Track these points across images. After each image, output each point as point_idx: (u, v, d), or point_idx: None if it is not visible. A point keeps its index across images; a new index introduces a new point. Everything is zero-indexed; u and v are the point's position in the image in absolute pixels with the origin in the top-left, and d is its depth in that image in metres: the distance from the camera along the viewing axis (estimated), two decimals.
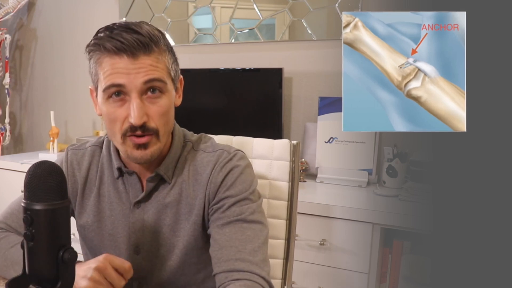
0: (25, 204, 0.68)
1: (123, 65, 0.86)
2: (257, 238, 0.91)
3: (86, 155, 1.04)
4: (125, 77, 0.86)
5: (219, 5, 2.46)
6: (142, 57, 0.86)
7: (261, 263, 0.89)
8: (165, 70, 0.90)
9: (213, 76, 2.35)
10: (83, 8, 2.91)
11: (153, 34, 0.88)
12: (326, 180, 2.09)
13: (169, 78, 0.92)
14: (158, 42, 0.89)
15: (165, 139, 0.93)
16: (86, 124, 2.96)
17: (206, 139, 1.05)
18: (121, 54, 0.85)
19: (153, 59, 0.87)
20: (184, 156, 0.99)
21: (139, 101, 0.87)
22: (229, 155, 0.97)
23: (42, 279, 0.70)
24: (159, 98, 0.89)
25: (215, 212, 0.94)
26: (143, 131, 0.88)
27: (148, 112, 0.88)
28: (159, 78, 0.88)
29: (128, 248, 0.99)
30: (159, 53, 0.89)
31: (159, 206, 0.97)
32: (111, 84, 0.87)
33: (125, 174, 0.99)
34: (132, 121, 0.87)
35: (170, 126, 0.95)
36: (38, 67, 3.15)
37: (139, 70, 0.86)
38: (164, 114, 0.90)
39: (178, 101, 0.99)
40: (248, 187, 0.95)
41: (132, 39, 0.85)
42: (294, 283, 1.77)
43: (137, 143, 0.89)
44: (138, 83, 0.86)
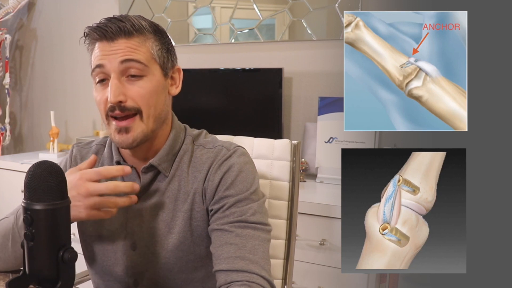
0: (25, 204, 0.68)
1: (103, 48, 0.91)
2: (258, 237, 0.91)
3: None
4: (105, 58, 0.90)
5: (219, 5, 2.46)
6: (121, 40, 0.91)
7: (261, 261, 0.88)
8: (147, 54, 0.92)
9: (213, 76, 2.35)
10: (83, 8, 2.91)
11: (136, 23, 0.92)
12: (326, 180, 2.09)
13: (154, 63, 0.93)
14: (141, 30, 0.92)
15: (152, 122, 0.93)
16: (86, 124, 2.95)
17: (207, 135, 1.05)
18: (102, 40, 0.91)
19: (133, 43, 0.91)
20: (183, 149, 0.99)
21: (116, 81, 0.90)
22: (228, 152, 0.97)
23: (42, 279, 0.70)
24: (139, 81, 0.91)
25: (215, 212, 0.93)
26: (121, 111, 0.90)
27: (127, 93, 0.90)
28: (136, 59, 0.90)
29: (125, 244, 0.99)
30: (141, 39, 0.92)
31: (157, 200, 0.97)
32: (94, 66, 0.92)
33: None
34: (109, 100, 0.90)
35: (158, 111, 0.94)
36: (38, 67, 3.14)
37: (116, 51, 0.90)
38: (145, 95, 0.92)
39: (174, 90, 1.00)
40: (249, 186, 0.94)
41: (113, 26, 0.90)
42: (294, 283, 1.77)
43: (118, 126, 0.91)
44: (115, 63, 0.90)
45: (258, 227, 0.92)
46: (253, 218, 0.92)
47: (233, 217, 0.91)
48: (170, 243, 0.96)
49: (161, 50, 0.95)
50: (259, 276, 0.86)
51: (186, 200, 0.96)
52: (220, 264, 0.89)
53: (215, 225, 0.92)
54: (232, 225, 0.91)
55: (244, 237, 0.89)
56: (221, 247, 0.90)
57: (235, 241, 0.89)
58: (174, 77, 1.00)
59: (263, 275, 0.87)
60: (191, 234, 0.96)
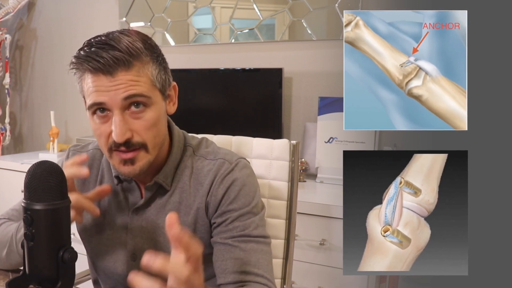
0: (25, 204, 0.68)
1: (101, 83, 0.84)
2: (261, 250, 0.92)
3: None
4: (106, 95, 0.84)
5: (219, 5, 2.46)
6: (120, 73, 0.84)
7: (266, 274, 0.90)
8: (148, 83, 0.87)
9: (213, 76, 2.35)
10: (83, 8, 2.90)
11: (132, 48, 0.84)
12: (326, 180, 2.09)
13: (155, 90, 0.88)
14: (139, 55, 0.85)
15: (155, 151, 0.91)
16: (86, 124, 2.95)
17: (208, 143, 1.03)
18: (98, 74, 0.84)
19: (134, 73, 0.85)
20: (184, 161, 0.98)
21: (121, 118, 0.84)
22: (230, 165, 0.95)
23: (42, 279, 0.70)
24: (143, 113, 0.86)
25: (218, 225, 0.94)
26: (127, 147, 0.86)
27: (132, 128, 0.86)
28: (140, 93, 0.85)
29: (125, 254, 0.98)
30: (140, 66, 0.86)
31: (157, 213, 0.96)
32: (93, 103, 0.85)
33: (123, 181, 0.98)
34: (114, 139, 0.85)
35: (160, 138, 0.92)
36: (38, 67, 3.14)
37: (118, 87, 0.83)
38: (151, 128, 0.88)
39: (172, 108, 0.96)
40: (251, 199, 0.94)
41: (108, 57, 0.82)
42: (294, 283, 1.77)
43: (123, 158, 0.88)
44: (118, 100, 0.84)
45: (260, 241, 0.93)
46: (256, 232, 0.93)
47: (236, 231, 0.92)
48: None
49: (159, 74, 0.90)
50: (266, 286, 0.89)
51: (188, 213, 0.95)
52: (226, 278, 0.90)
53: (219, 238, 0.93)
54: (235, 239, 0.91)
55: (248, 252, 0.90)
56: (225, 262, 0.90)
57: (239, 255, 0.90)
58: (171, 95, 0.96)
59: (270, 286, 0.89)
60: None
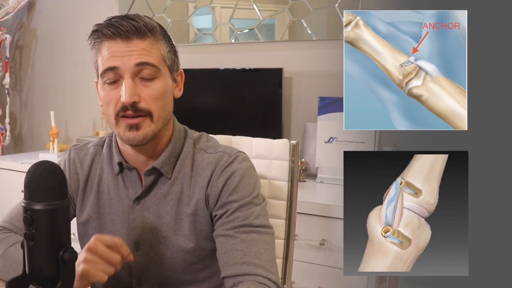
0: (25, 204, 0.68)
1: (118, 48, 0.89)
2: (262, 240, 0.92)
3: (88, 155, 1.05)
4: (119, 59, 0.89)
5: (219, 5, 2.46)
6: (136, 40, 0.90)
7: (267, 264, 0.90)
8: (159, 56, 0.93)
9: (213, 76, 2.35)
10: (83, 8, 2.90)
11: (149, 23, 0.91)
12: (326, 180, 2.09)
13: (164, 66, 0.94)
14: (154, 30, 0.92)
15: (160, 123, 0.93)
16: (86, 124, 2.95)
17: (209, 138, 1.04)
18: (116, 38, 0.89)
19: (147, 44, 0.91)
20: (185, 152, 0.99)
21: (131, 81, 0.89)
22: (230, 158, 0.97)
23: (42, 279, 0.70)
24: (152, 82, 0.91)
25: (220, 217, 0.94)
26: (134, 111, 0.90)
27: (140, 94, 0.90)
28: (151, 62, 0.90)
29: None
30: (153, 39, 0.92)
31: (159, 203, 0.97)
32: (107, 68, 0.90)
33: (125, 170, 0.99)
34: (122, 100, 0.89)
35: (166, 112, 0.95)
36: (38, 67, 3.14)
37: (131, 53, 0.89)
38: (157, 98, 0.92)
39: (178, 93, 1.00)
40: (251, 190, 0.95)
41: (127, 24, 0.89)
42: (294, 283, 1.77)
43: (129, 123, 0.91)
44: (130, 65, 0.89)
45: (262, 231, 0.93)
46: (257, 222, 0.93)
47: (237, 221, 0.92)
48: (175, 244, 0.96)
49: (170, 53, 0.96)
50: (266, 278, 0.88)
51: (189, 204, 0.96)
52: (227, 270, 0.90)
53: (220, 230, 0.93)
54: (237, 230, 0.91)
55: (249, 242, 0.90)
56: (227, 254, 0.91)
57: (240, 247, 0.90)
58: (178, 80, 1.01)
59: (270, 277, 0.88)
60: (196, 238, 0.96)
